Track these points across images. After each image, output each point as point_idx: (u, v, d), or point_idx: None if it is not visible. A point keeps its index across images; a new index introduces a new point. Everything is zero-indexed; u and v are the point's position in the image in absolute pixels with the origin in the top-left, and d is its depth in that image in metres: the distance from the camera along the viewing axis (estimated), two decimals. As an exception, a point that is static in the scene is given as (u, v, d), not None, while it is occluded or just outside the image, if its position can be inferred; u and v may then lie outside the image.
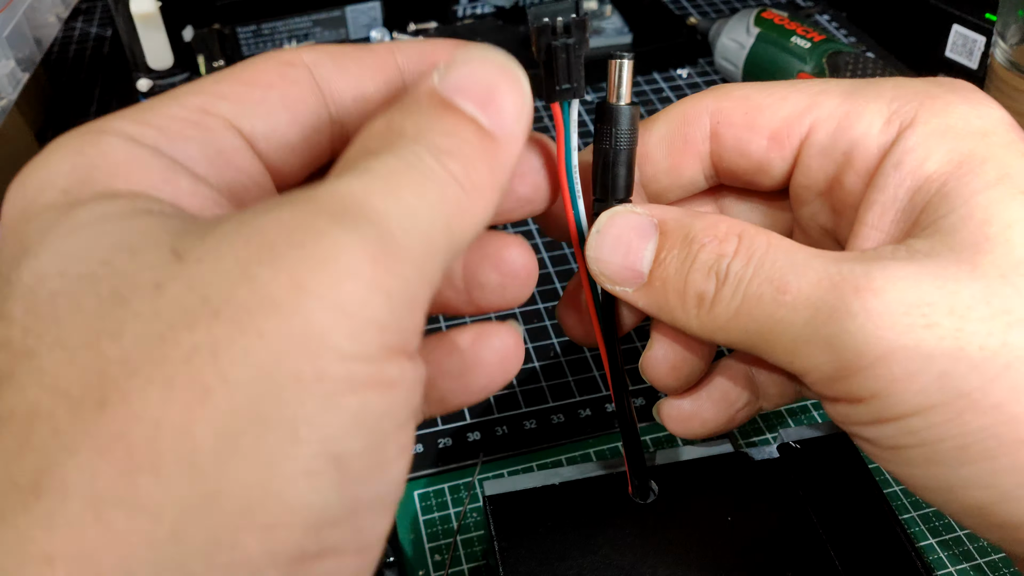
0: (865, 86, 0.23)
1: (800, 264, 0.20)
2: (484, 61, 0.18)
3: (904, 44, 0.58)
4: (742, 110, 0.24)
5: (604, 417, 0.38)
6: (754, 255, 0.21)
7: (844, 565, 0.27)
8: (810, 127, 0.23)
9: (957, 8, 0.54)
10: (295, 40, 0.61)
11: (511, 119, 0.18)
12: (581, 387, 0.39)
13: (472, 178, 0.17)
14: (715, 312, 0.21)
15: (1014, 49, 0.47)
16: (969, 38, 0.53)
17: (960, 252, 0.19)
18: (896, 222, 0.21)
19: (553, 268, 0.46)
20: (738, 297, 0.21)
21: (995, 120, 0.21)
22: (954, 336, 0.18)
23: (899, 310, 0.19)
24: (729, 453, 0.30)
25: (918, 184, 0.21)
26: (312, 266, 0.14)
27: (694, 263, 0.22)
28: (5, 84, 0.47)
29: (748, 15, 0.57)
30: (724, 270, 0.21)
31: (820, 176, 0.23)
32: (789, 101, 0.23)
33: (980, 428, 0.18)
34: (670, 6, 0.69)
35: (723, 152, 0.24)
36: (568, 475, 0.29)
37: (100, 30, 0.71)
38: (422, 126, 0.17)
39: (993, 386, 0.18)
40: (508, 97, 0.18)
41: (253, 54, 0.61)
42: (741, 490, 0.28)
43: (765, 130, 0.23)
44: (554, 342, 0.42)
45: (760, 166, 0.24)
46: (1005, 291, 0.19)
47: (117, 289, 0.14)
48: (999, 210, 0.19)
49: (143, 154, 0.17)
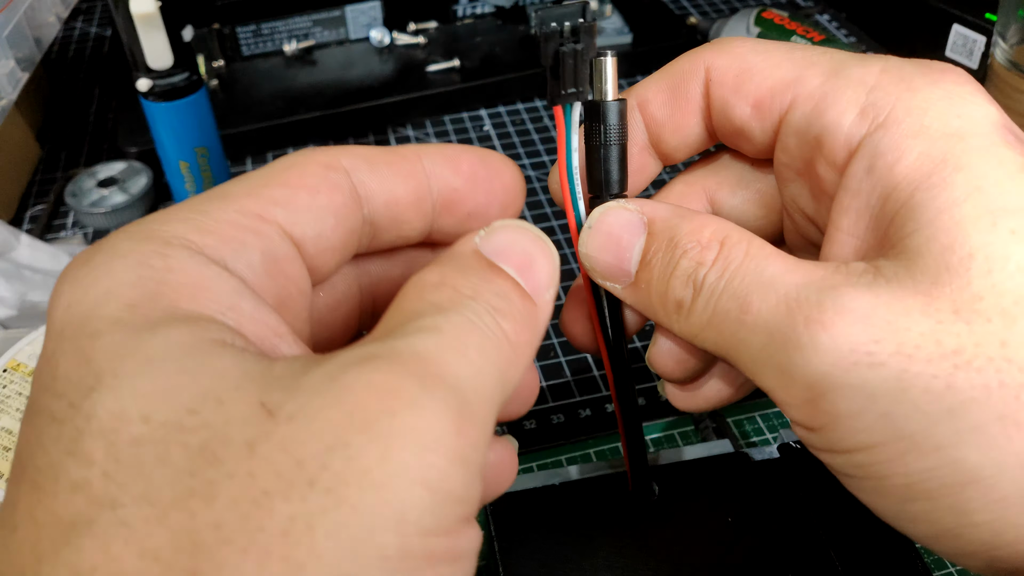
0: (852, 65, 0.22)
1: (766, 282, 0.20)
2: (521, 230, 0.20)
3: (904, 44, 0.58)
4: (734, 71, 0.23)
5: (604, 417, 0.38)
6: (728, 267, 0.21)
7: (844, 565, 0.27)
8: (791, 103, 0.22)
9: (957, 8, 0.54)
10: (295, 40, 0.61)
11: (545, 285, 0.19)
12: (581, 387, 0.39)
13: (519, 337, 0.18)
14: (690, 321, 0.22)
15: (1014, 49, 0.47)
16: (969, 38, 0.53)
17: (919, 282, 0.19)
18: (870, 229, 0.21)
19: (553, 268, 0.46)
20: (709, 310, 0.21)
21: (976, 119, 0.20)
22: (898, 378, 0.18)
23: (845, 347, 0.19)
24: (729, 453, 0.30)
25: (888, 192, 0.20)
26: (403, 437, 0.14)
27: (675, 270, 0.22)
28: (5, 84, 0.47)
29: (748, 15, 0.57)
30: (700, 280, 0.21)
31: (797, 156, 0.23)
32: (780, 69, 0.22)
33: (922, 469, 0.18)
34: (670, 6, 0.69)
35: (712, 111, 0.24)
36: (568, 475, 0.29)
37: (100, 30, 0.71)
38: (477, 286, 0.18)
39: (936, 429, 0.18)
40: (543, 265, 0.19)
41: (253, 54, 0.61)
42: (741, 491, 0.28)
43: (750, 97, 0.23)
44: (554, 342, 0.42)
45: (742, 132, 0.23)
46: (956, 329, 0.18)
47: (207, 444, 0.14)
48: (963, 235, 0.19)
49: (210, 273, 0.17)
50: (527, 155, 0.55)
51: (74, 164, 0.56)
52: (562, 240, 0.48)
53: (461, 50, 0.61)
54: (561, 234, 0.48)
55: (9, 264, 0.41)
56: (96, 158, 0.56)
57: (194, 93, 0.43)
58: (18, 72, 0.48)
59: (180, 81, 0.42)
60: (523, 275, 0.19)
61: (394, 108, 0.57)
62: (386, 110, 0.57)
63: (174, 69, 0.42)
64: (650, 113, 0.24)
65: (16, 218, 0.52)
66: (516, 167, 0.23)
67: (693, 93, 0.23)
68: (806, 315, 0.19)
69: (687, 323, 0.22)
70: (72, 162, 0.56)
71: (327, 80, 0.59)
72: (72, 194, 0.51)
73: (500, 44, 0.62)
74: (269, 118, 0.56)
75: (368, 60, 0.61)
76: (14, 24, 0.48)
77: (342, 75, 0.60)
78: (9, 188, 0.52)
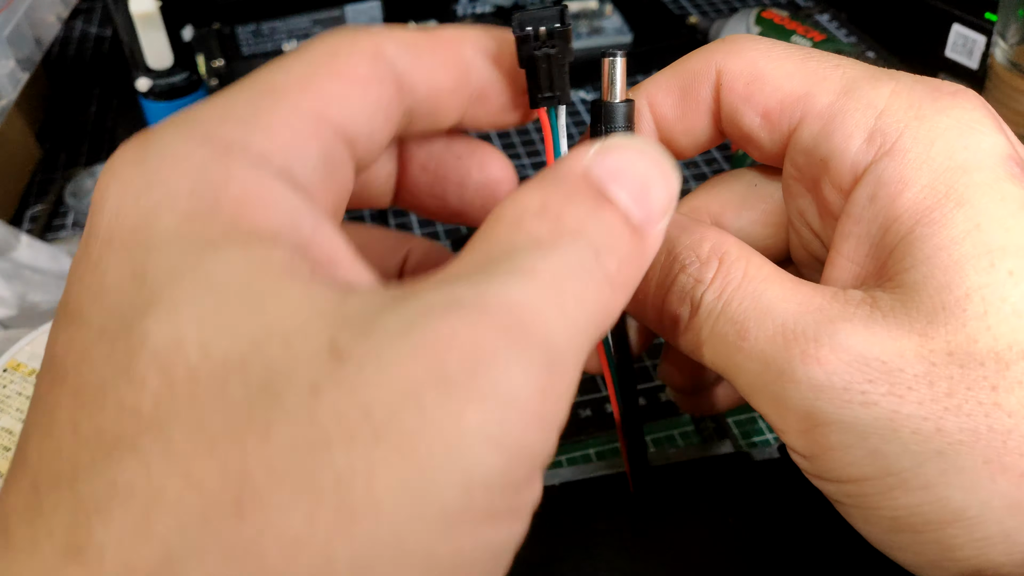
0: (863, 85, 0.21)
1: (763, 309, 0.20)
2: (640, 151, 0.18)
3: (904, 44, 0.58)
4: (744, 78, 0.22)
5: (604, 417, 0.38)
6: (727, 288, 0.21)
7: (844, 566, 0.27)
8: (800, 119, 0.22)
9: (957, 8, 0.54)
10: (295, 40, 0.61)
11: (659, 215, 0.17)
12: (581, 387, 0.39)
13: (622, 277, 0.17)
14: (687, 337, 0.22)
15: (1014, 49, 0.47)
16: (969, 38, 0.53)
17: (915, 320, 0.19)
18: (870, 256, 0.21)
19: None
20: (707, 330, 0.21)
21: (983, 151, 0.20)
22: (889, 418, 0.18)
23: (839, 385, 0.19)
24: (730, 453, 0.30)
25: (889, 223, 0.20)
26: (482, 397, 0.14)
27: (672, 285, 0.21)
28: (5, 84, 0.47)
29: (748, 15, 0.57)
30: (698, 298, 0.21)
31: (805, 172, 0.23)
32: (792, 81, 0.22)
33: (909, 505, 0.19)
34: (670, 6, 0.69)
35: (722, 114, 0.23)
36: (568, 476, 0.29)
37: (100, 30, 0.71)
38: (583, 218, 0.16)
39: (923, 469, 0.18)
40: (660, 192, 0.17)
41: (253, 53, 0.61)
42: (742, 491, 0.28)
43: (760, 106, 0.22)
44: (554, 342, 0.42)
45: (750, 139, 0.23)
46: (949, 372, 0.18)
47: (269, 382, 0.13)
48: (959, 275, 0.19)
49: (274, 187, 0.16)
50: (527, 155, 0.55)
51: (74, 164, 0.56)
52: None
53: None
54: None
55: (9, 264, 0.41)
56: (96, 158, 0.56)
57: (194, 93, 0.43)
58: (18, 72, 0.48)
59: (180, 81, 0.42)
60: (637, 203, 0.17)
61: (394, 108, 0.57)
62: (386, 110, 0.57)
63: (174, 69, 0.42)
64: (660, 113, 0.24)
65: (16, 218, 0.52)
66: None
67: (704, 95, 0.23)
68: (802, 349, 0.19)
69: (683, 338, 0.22)
70: (72, 162, 0.56)
71: (327, 80, 0.59)
72: (72, 194, 0.51)
73: (500, 44, 0.62)
74: (269, 118, 0.56)
75: (368, 60, 0.61)
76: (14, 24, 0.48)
77: (342, 75, 0.60)
78: (9, 188, 0.52)
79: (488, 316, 0.14)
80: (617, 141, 0.18)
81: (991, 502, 0.18)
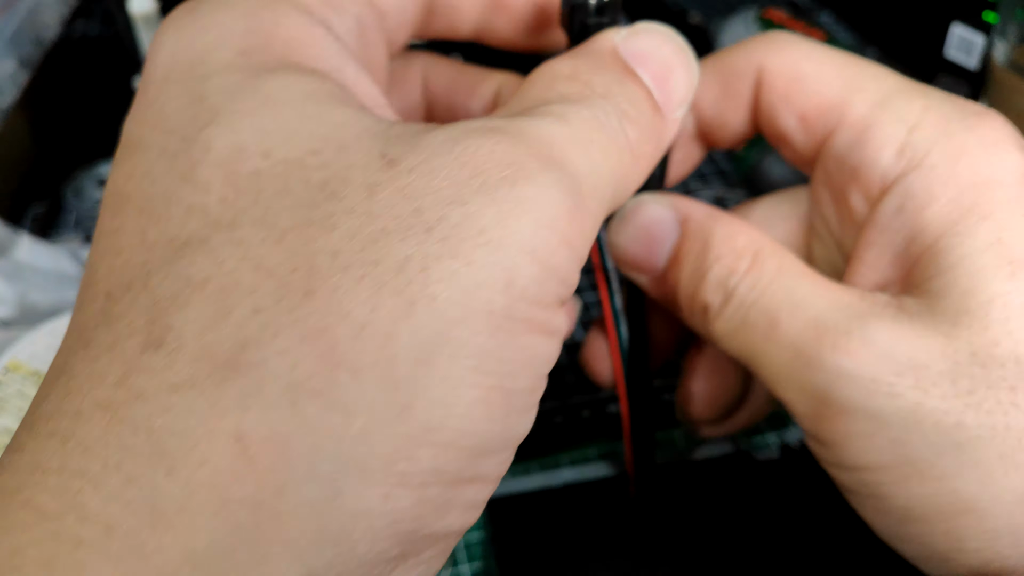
0: (897, 98, 0.22)
1: (796, 303, 0.21)
2: (665, 37, 0.20)
3: (904, 44, 0.58)
4: (784, 80, 0.23)
5: (605, 418, 0.38)
6: (760, 280, 0.21)
7: (844, 566, 0.27)
8: (835, 126, 0.23)
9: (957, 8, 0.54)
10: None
11: (678, 101, 0.19)
12: (582, 388, 0.39)
13: (641, 147, 0.18)
14: (716, 325, 0.22)
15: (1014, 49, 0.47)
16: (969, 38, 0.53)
17: (940, 322, 0.20)
18: (893, 266, 0.22)
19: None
20: (737, 319, 0.22)
21: (1007, 169, 0.21)
22: (912, 409, 0.19)
23: (868, 376, 0.20)
24: (730, 454, 0.30)
25: (914, 234, 0.21)
26: (519, 206, 0.15)
27: (706, 274, 0.22)
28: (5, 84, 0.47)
29: (748, 14, 0.57)
30: (731, 288, 0.22)
31: (835, 178, 0.23)
32: (831, 87, 0.23)
33: (923, 495, 0.20)
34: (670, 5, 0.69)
35: (759, 111, 0.24)
36: (568, 477, 0.29)
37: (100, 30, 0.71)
38: (610, 86, 0.18)
39: (940, 460, 0.19)
40: (681, 79, 0.19)
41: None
42: (743, 491, 0.28)
43: (798, 109, 0.23)
44: (554, 342, 0.42)
45: (785, 139, 0.24)
46: (972, 371, 0.19)
47: (328, 182, 0.14)
48: (983, 281, 0.20)
49: (318, 32, 0.17)
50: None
51: (74, 164, 0.56)
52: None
53: (461, 49, 0.61)
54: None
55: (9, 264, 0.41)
56: (96, 158, 0.56)
57: (194, 93, 0.43)
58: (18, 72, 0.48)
59: (180, 81, 0.42)
60: (658, 85, 0.19)
61: (394, 108, 0.57)
62: (386, 110, 0.57)
63: (174, 69, 0.42)
64: (699, 107, 0.25)
65: (16, 218, 0.52)
66: None
67: (743, 90, 0.24)
68: (833, 340, 0.20)
69: (712, 326, 0.22)
70: (72, 162, 0.56)
71: (327, 80, 0.59)
72: (72, 194, 0.51)
73: (500, 44, 0.62)
74: (269, 118, 0.55)
75: (368, 60, 0.61)
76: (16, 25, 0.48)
77: (342, 75, 0.59)
78: (9, 188, 0.52)
79: (524, 142, 0.16)
80: (646, 26, 0.19)
81: (1002, 496, 0.19)
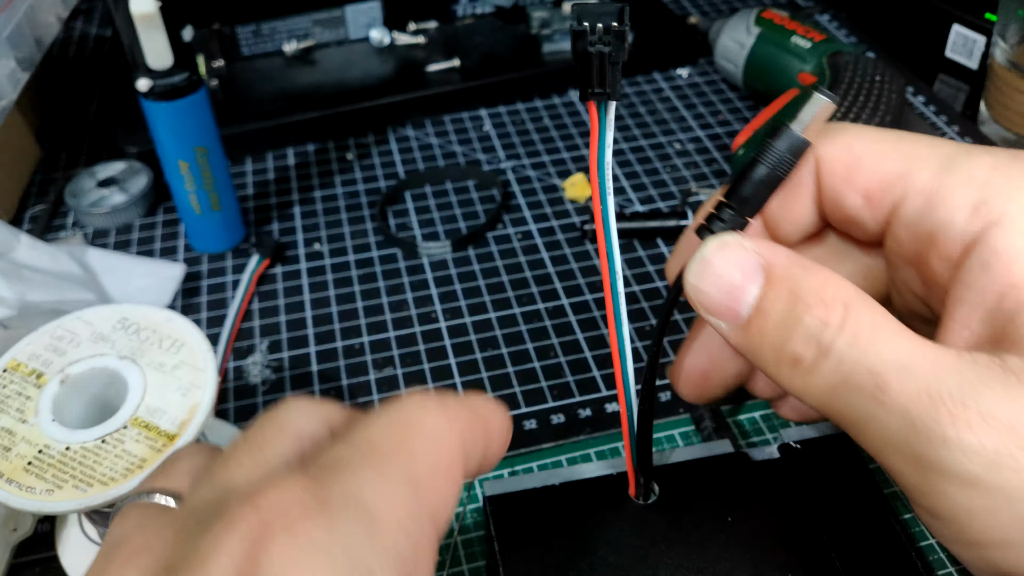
0: (961, 161, 0.22)
1: (903, 364, 0.20)
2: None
3: (904, 44, 0.58)
4: (843, 161, 0.23)
5: (604, 417, 0.38)
6: (859, 336, 0.21)
7: (845, 566, 0.27)
8: (901, 196, 0.23)
9: (957, 8, 0.54)
10: (295, 40, 0.61)
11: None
12: (581, 387, 0.39)
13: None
14: (809, 380, 0.21)
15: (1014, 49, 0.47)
16: (969, 38, 0.53)
17: None
18: (985, 322, 0.21)
19: (553, 268, 0.46)
20: (837, 376, 0.21)
21: None
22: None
23: (991, 449, 0.19)
24: (730, 453, 0.30)
25: (1005, 290, 0.21)
26: None
27: (797, 325, 0.21)
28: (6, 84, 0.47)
29: (748, 15, 0.57)
30: (827, 343, 0.21)
31: (909, 248, 0.23)
32: (889, 161, 0.23)
33: None
34: (670, 6, 0.69)
35: (823, 199, 0.24)
36: (568, 476, 0.29)
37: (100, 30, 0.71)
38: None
39: None
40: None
41: (253, 54, 0.61)
42: (742, 491, 0.28)
43: (861, 187, 0.23)
44: (554, 342, 0.42)
45: (854, 221, 0.24)
46: None
47: None
48: None
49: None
50: (527, 155, 0.55)
51: (74, 164, 0.56)
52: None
53: (461, 50, 0.61)
54: (562, 234, 0.48)
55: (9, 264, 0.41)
56: (96, 158, 0.56)
57: (194, 93, 0.43)
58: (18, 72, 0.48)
59: (180, 81, 0.42)
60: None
61: (394, 108, 0.57)
62: (386, 110, 0.57)
63: (174, 69, 0.42)
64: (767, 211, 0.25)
65: (16, 218, 0.52)
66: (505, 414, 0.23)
67: (805, 182, 0.24)
68: (950, 411, 0.19)
69: (803, 381, 0.21)
70: (72, 162, 0.56)
71: (327, 80, 0.59)
72: (72, 194, 0.51)
73: (500, 44, 0.62)
74: (269, 118, 0.56)
75: (368, 60, 0.61)
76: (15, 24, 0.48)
77: (342, 75, 0.60)
78: (9, 188, 0.52)
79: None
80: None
81: None
